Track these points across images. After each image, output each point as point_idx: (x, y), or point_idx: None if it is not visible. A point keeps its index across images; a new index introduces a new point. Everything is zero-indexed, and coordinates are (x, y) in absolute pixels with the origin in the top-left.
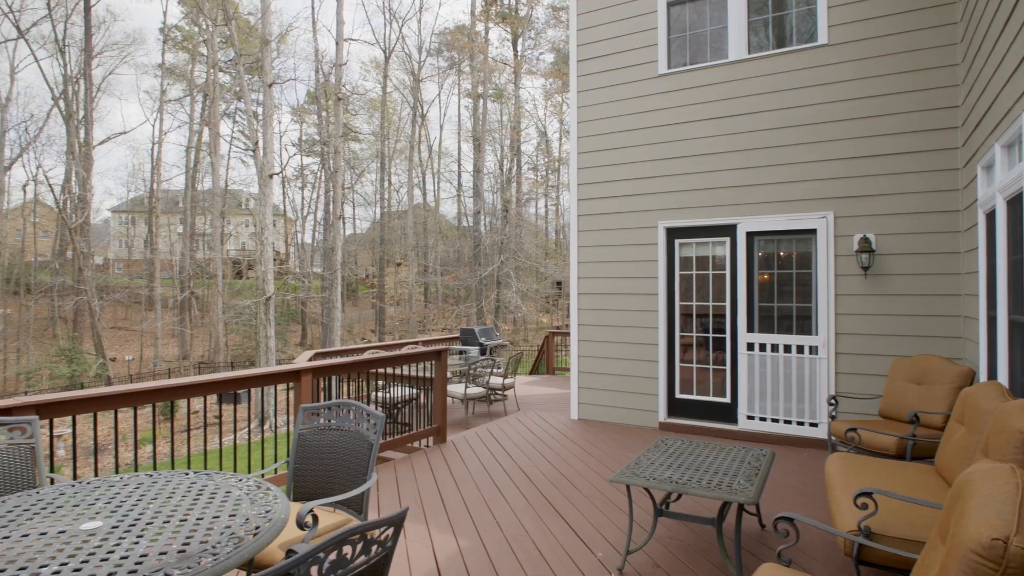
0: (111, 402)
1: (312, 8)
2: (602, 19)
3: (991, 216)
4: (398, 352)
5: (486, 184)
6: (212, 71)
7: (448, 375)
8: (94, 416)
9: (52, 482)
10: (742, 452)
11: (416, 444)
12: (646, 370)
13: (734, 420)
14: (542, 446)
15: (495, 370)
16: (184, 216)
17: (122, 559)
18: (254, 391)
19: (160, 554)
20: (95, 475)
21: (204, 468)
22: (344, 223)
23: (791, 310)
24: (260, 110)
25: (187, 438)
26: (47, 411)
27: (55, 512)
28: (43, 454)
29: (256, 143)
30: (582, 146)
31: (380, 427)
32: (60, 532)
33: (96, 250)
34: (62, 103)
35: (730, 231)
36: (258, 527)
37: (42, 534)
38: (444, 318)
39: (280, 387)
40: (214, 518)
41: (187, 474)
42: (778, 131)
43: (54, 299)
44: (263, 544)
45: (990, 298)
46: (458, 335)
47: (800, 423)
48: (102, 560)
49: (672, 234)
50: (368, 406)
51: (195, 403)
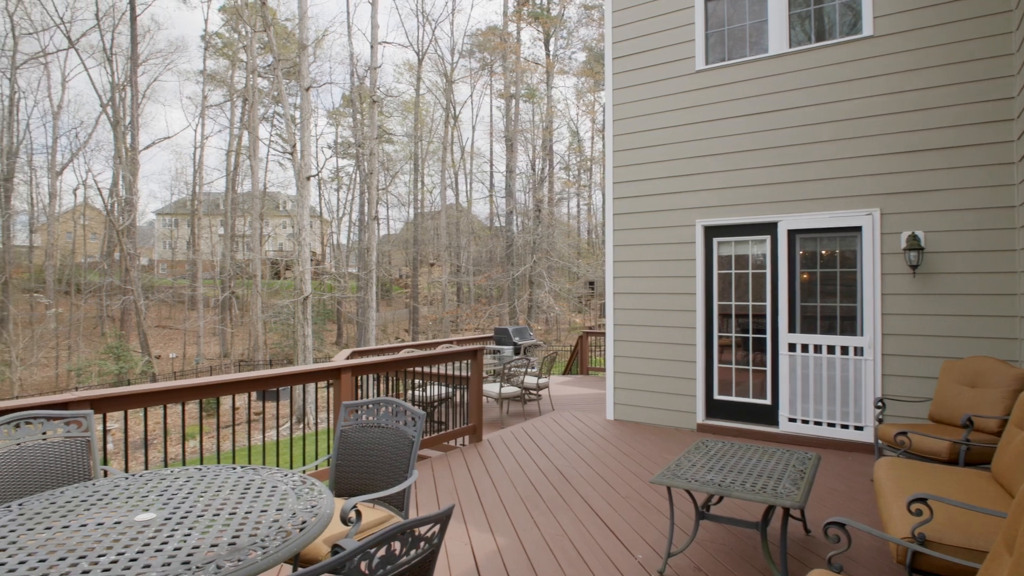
0: (160, 398)
1: (347, 13)
2: (637, 15)
3: None
4: (434, 351)
5: (518, 184)
6: (251, 76)
7: (483, 374)
8: (144, 411)
9: (105, 474)
10: (786, 455)
11: (452, 443)
12: (683, 371)
13: (775, 422)
14: (578, 446)
15: (529, 369)
16: (225, 218)
17: (175, 550)
18: (293, 389)
19: (211, 546)
20: (145, 468)
21: (248, 463)
22: (378, 224)
23: (834, 310)
24: (297, 114)
25: (232, 433)
26: (101, 406)
27: (110, 504)
28: (97, 447)
29: (294, 146)
30: (617, 144)
31: (421, 425)
32: (116, 523)
33: (142, 251)
34: (110, 110)
35: (771, 229)
36: (304, 522)
37: (99, 524)
38: (476, 318)
39: (319, 385)
40: (262, 512)
41: (234, 468)
42: (820, 126)
43: (102, 299)
44: (310, 539)
45: None
46: (491, 335)
47: (844, 426)
48: (156, 551)
49: (710, 232)
50: (408, 404)
51: (236, 400)
